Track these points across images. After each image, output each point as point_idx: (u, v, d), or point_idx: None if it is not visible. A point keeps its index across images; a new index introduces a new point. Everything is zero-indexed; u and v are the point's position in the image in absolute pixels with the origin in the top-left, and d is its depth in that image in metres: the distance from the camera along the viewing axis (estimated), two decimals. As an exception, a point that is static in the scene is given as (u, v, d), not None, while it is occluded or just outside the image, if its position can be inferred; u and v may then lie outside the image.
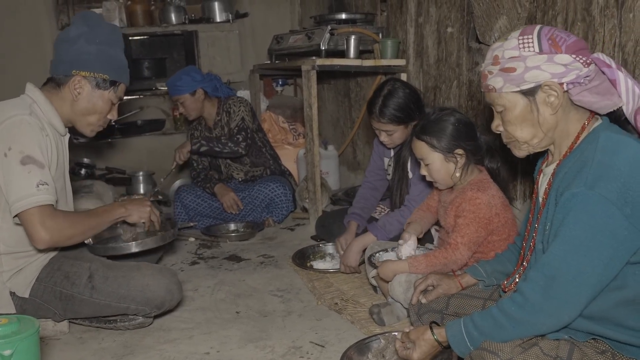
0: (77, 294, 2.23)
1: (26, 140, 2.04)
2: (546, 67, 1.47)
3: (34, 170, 2.02)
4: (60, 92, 2.21)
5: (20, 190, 2.00)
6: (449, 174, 2.25)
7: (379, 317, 2.30)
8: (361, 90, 4.31)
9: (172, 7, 5.26)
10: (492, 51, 1.57)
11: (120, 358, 2.16)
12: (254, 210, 3.87)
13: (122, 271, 2.28)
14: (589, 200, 1.37)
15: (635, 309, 1.44)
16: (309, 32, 3.87)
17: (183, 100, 3.75)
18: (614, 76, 1.47)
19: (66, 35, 2.22)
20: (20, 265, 2.19)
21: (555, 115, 1.52)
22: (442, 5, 3.17)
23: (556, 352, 1.44)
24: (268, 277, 2.96)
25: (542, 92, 1.50)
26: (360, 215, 3.01)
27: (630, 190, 1.35)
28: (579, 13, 2.21)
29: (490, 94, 1.59)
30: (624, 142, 1.43)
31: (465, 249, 2.16)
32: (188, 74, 3.74)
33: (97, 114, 2.27)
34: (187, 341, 2.28)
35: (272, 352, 2.16)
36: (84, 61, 2.19)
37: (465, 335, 1.54)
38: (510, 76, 1.51)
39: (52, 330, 2.33)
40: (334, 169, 4.52)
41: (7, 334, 1.53)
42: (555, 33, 1.49)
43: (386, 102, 2.67)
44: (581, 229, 1.37)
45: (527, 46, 1.49)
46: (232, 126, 3.80)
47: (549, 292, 1.40)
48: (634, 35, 1.98)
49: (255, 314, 2.52)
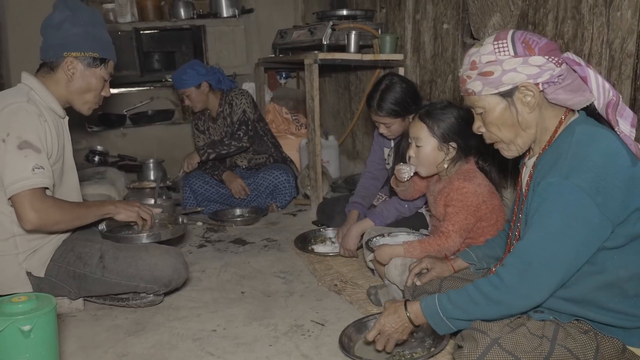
0: (90, 273, 2.25)
1: (23, 126, 2.03)
2: (522, 69, 1.48)
3: (30, 155, 2.01)
4: (54, 75, 2.20)
5: (16, 173, 1.99)
6: (435, 162, 2.24)
7: (375, 297, 2.31)
8: (361, 83, 4.30)
9: (181, 3, 5.23)
10: (469, 57, 1.57)
11: (133, 334, 2.17)
12: (258, 196, 3.87)
13: (131, 252, 2.29)
14: (563, 189, 1.38)
15: (614, 292, 1.45)
16: (311, 27, 3.85)
17: (189, 93, 3.76)
18: (585, 73, 1.48)
19: (51, 20, 2.19)
20: (35, 247, 2.20)
21: (532, 113, 1.53)
22: (439, 3, 3.15)
23: (542, 331, 1.45)
24: (271, 259, 2.97)
25: (519, 93, 1.51)
26: (361, 204, 3.00)
27: (603, 180, 1.36)
28: (569, 11, 2.20)
29: (470, 97, 1.59)
30: (598, 134, 1.44)
31: (456, 236, 2.16)
32: (193, 68, 3.73)
33: (92, 92, 2.26)
34: (196, 319, 2.29)
35: (275, 330, 2.17)
36: (73, 43, 2.18)
37: (439, 306, 1.56)
38: (488, 79, 1.51)
39: (67, 307, 2.34)
40: (334, 158, 4.52)
41: (26, 311, 1.54)
42: (528, 36, 1.50)
43: (384, 96, 2.67)
44: (556, 217, 1.38)
45: (502, 50, 1.49)
46: (235, 119, 3.80)
47: (524, 276, 1.41)
48: (621, 33, 1.97)
49: (259, 294, 2.53)
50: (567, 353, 1.42)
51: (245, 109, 3.80)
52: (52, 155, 2.14)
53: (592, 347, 1.44)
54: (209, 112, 3.94)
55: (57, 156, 2.19)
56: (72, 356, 2.01)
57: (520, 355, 1.40)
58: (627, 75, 1.97)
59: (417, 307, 1.63)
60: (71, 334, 2.18)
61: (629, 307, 1.44)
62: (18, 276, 2.18)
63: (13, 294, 2.11)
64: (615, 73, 2.01)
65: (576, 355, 1.43)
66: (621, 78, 1.99)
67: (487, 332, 1.43)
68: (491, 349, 1.40)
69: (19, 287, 2.19)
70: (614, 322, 1.45)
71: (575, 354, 1.43)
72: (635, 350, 1.47)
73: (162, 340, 2.12)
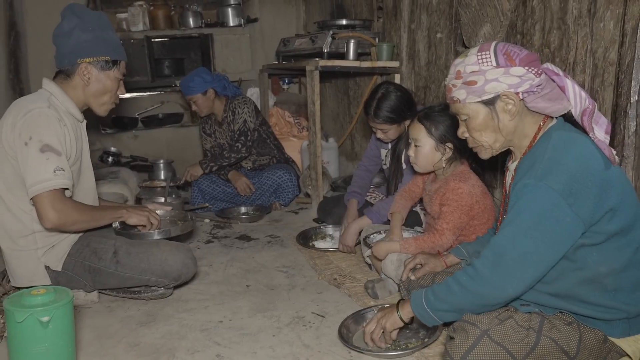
0: (104, 268, 2.26)
1: (45, 130, 2.03)
2: (503, 79, 1.48)
3: (51, 158, 2.02)
4: (71, 81, 2.21)
5: (38, 175, 2.00)
6: (433, 161, 2.25)
7: (373, 291, 2.32)
8: (359, 89, 4.30)
9: (190, 13, 5.24)
10: (454, 67, 1.58)
11: (144, 325, 2.18)
12: (262, 194, 3.87)
13: (143, 247, 2.30)
14: (537, 190, 1.39)
15: (595, 287, 1.46)
16: (312, 36, 3.85)
17: (195, 99, 3.75)
18: (563, 83, 1.49)
19: (61, 29, 2.18)
20: (53, 243, 2.21)
21: (513, 120, 1.54)
22: (433, 14, 3.15)
23: (529, 323, 1.46)
24: (275, 255, 2.98)
25: (500, 101, 1.52)
26: (359, 192, 3.06)
27: (576, 183, 1.37)
28: (555, 22, 2.20)
29: (455, 105, 1.60)
30: (573, 139, 1.45)
31: (450, 233, 2.17)
32: (199, 76, 3.72)
33: (109, 93, 2.26)
34: (203, 311, 2.30)
35: (278, 321, 2.18)
36: (85, 49, 2.17)
37: (424, 299, 1.59)
38: (472, 88, 1.52)
39: (83, 299, 2.35)
40: (334, 159, 4.52)
41: (45, 303, 1.55)
42: (509, 48, 1.50)
43: (380, 104, 2.68)
44: (529, 215, 1.40)
45: (485, 61, 1.50)
46: (235, 128, 3.80)
47: (496, 268, 1.43)
48: (604, 43, 1.97)
49: (263, 287, 2.54)
50: (552, 343, 1.43)
51: (246, 119, 3.79)
52: (71, 157, 2.14)
53: (576, 338, 1.45)
54: (215, 116, 3.94)
55: (75, 158, 2.19)
56: (87, 345, 2.02)
57: (509, 346, 1.41)
58: (609, 83, 1.97)
59: (408, 305, 1.67)
60: (86, 324, 2.19)
61: (608, 300, 1.45)
62: (37, 270, 2.20)
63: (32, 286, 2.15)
64: (599, 80, 2.01)
65: (560, 345, 1.44)
66: (604, 85, 1.99)
67: (477, 324, 1.44)
68: (481, 340, 1.41)
69: (38, 280, 2.20)
70: (596, 315, 1.46)
71: (559, 344, 1.44)
72: (616, 340, 1.48)
73: (171, 330, 2.13)
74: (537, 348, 1.43)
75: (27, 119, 2.04)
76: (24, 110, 2.06)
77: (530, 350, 1.42)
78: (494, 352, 1.40)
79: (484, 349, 1.40)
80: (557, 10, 2.18)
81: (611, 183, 1.40)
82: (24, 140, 2.02)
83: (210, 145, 4.02)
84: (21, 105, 2.11)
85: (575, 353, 1.45)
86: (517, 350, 1.41)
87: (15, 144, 2.04)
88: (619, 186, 1.42)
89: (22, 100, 2.16)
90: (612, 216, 1.41)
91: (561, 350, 1.44)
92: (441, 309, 1.55)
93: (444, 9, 3.04)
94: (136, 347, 2.01)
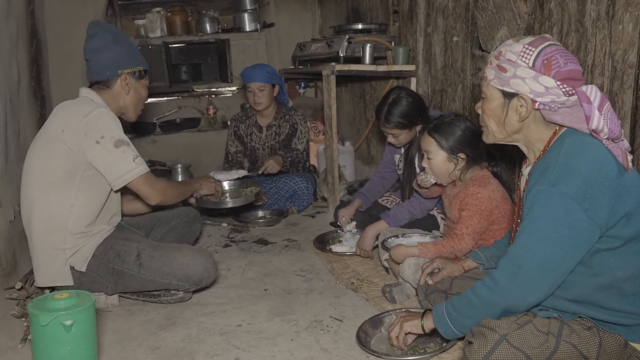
0: (127, 270, 2.29)
1: (112, 127, 2.20)
2: (529, 82, 1.47)
3: (126, 150, 2.21)
4: (111, 90, 2.34)
5: (122, 167, 2.20)
6: (447, 172, 2.25)
7: (390, 295, 2.32)
8: (375, 93, 4.30)
9: (207, 18, 5.30)
10: (503, 46, 1.55)
11: (164, 328, 2.21)
12: (279, 200, 3.87)
13: (165, 251, 2.33)
14: (551, 196, 1.38)
15: (613, 292, 1.44)
16: (328, 40, 3.86)
17: (264, 88, 3.68)
18: (590, 113, 1.42)
19: (95, 45, 2.32)
20: (80, 244, 2.26)
21: (521, 123, 1.53)
22: (449, 17, 3.15)
23: (548, 328, 1.45)
24: (292, 258, 2.99)
25: (517, 100, 1.51)
26: (365, 195, 3.12)
27: (590, 188, 1.36)
28: (573, 24, 2.19)
29: (482, 81, 1.61)
30: (586, 145, 1.43)
31: (469, 238, 2.16)
32: (270, 67, 3.73)
33: (142, 100, 2.45)
34: (222, 314, 2.32)
35: (296, 325, 2.19)
36: (124, 61, 2.34)
37: (446, 314, 1.59)
38: (501, 74, 1.52)
39: (104, 303, 2.38)
40: (350, 162, 4.53)
41: (68, 307, 1.58)
42: (555, 56, 1.46)
43: (391, 110, 2.70)
44: (544, 222, 1.39)
45: (525, 57, 1.48)
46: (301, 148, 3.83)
47: (516, 279, 1.42)
48: (623, 45, 1.96)
49: (281, 291, 2.55)
50: (572, 349, 1.42)
51: (307, 138, 3.86)
52: None
53: (595, 343, 1.44)
54: (257, 118, 3.87)
55: None
56: (109, 348, 2.05)
57: (528, 351, 1.40)
58: (628, 85, 1.95)
59: (430, 320, 1.67)
60: (108, 327, 2.22)
61: (627, 305, 1.44)
62: (63, 270, 2.25)
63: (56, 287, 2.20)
64: (618, 83, 2.00)
65: (580, 350, 1.43)
66: (623, 88, 1.98)
67: (496, 328, 1.43)
68: (500, 345, 1.40)
69: (62, 280, 2.26)
70: (615, 320, 1.45)
71: (579, 349, 1.43)
72: (637, 345, 1.47)
73: (191, 334, 2.15)
74: (556, 353, 1.42)
75: (90, 119, 2.17)
76: (81, 113, 2.18)
77: (550, 356, 1.41)
78: (513, 357, 1.39)
79: (502, 353, 1.40)
80: (574, 12, 2.17)
81: (626, 188, 1.39)
82: (94, 140, 2.16)
83: (235, 150, 3.94)
84: (74, 108, 2.24)
85: (595, 358, 1.43)
86: (536, 356, 1.40)
87: (80, 142, 2.16)
88: (634, 191, 1.40)
89: (70, 104, 2.29)
90: (628, 221, 1.39)
91: (581, 355, 1.43)
92: (464, 324, 1.55)
93: (460, 12, 3.03)
94: (156, 350, 2.04)
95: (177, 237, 2.71)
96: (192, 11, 5.50)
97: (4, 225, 2.45)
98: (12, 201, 2.59)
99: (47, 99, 3.83)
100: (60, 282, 2.25)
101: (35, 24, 3.65)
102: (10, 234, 2.51)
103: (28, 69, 3.29)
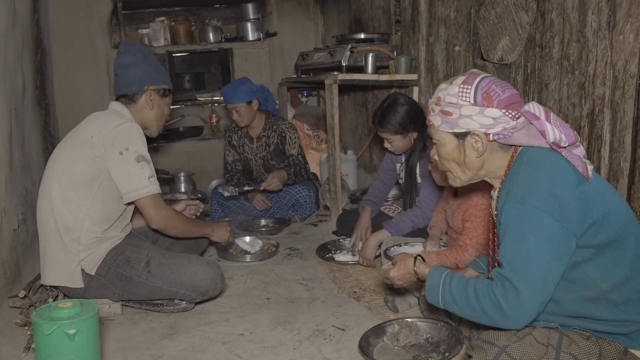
0: (135, 276, 2.31)
1: (138, 142, 2.27)
2: (477, 118, 1.49)
3: (145, 167, 2.26)
4: (136, 105, 2.43)
5: (136, 182, 2.25)
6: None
7: (393, 304, 2.32)
8: (378, 102, 4.29)
9: (210, 28, 5.33)
10: (438, 91, 1.57)
11: (167, 337, 2.21)
12: (281, 208, 3.89)
13: (174, 260, 2.36)
14: (523, 213, 1.38)
15: (602, 304, 1.44)
16: (331, 49, 3.88)
17: (239, 109, 3.67)
18: (543, 127, 1.46)
19: (125, 61, 2.43)
20: (93, 248, 2.30)
21: (480, 158, 1.54)
22: (451, 27, 3.17)
23: (547, 340, 1.45)
24: (294, 267, 2.99)
25: (470, 138, 1.52)
26: (374, 202, 3.09)
27: (556, 199, 1.36)
28: (574, 34, 2.20)
29: (430, 129, 1.62)
30: (542, 158, 1.44)
31: (473, 250, 2.16)
32: (245, 84, 3.68)
33: (164, 117, 2.53)
34: (224, 323, 2.32)
35: (298, 334, 2.19)
36: (150, 78, 2.43)
37: (441, 291, 1.55)
38: (447, 119, 1.53)
39: (107, 312, 2.39)
40: (352, 171, 4.54)
41: (71, 316, 1.59)
42: (492, 87, 1.49)
43: (385, 114, 2.73)
44: (524, 240, 1.38)
45: (464, 96, 1.50)
46: (295, 152, 3.85)
47: (517, 305, 1.37)
48: (624, 55, 1.97)
49: (284, 300, 2.55)
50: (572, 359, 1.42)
51: (299, 144, 3.87)
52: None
53: (595, 352, 1.44)
54: (247, 130, 3.88)
55: None
56: (112, 357, 2.06)
57: (528, 362, 1.40)
58: (630, 95, 1.96)
59: (424, 272, 1.64)
60: (110, 336, 2.23)
61: (620, 314, 1.44)
62: (74, 272, 2.29)
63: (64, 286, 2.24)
64: (619, 93, 2.01)
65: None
66: (624, 97, 1.98)
67: (495, 341, 1.43)
68: (500, 357, 1.40)
69: (71, 282, 2.29)
70: (611, 330, 1.45)
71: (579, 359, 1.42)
72: (637, 352, 1.47)
73: (193, 343, 2.15)
74: (557, 364, 1.41)
75: (120, 131, 2.24)
76: (113, 123, 2.26)
77: (551, 367, 1.41)
78: (514, 368, 1.39)
79: (503, 365, 1.39)
80: (576, 22, 2.19)
81: (590, 196, 1.40)
82: (119, 150, 2.22)
83: (232, 159, 3.97)
84: (105, 118, 2.33)
85: (597, 368, 1.43)
86: (537, 367, 1.40)
87: (106, 150, 2.22)
88: (599, 198, 1.41)
89: (102, 114, 2.40)
90: (598, 229, 1.39)
91: (582, 365, 1.42)
92: (452, 309, 1.54)
93: (462, 22, 3.05)
94: (159, 359, 2.04)
95: (183, 247, 2.71)
96: (196, 21, 5.54)
97: (8, 233, 2.46)
98: (16, 210, 2.61)
99: (51, 107, 3.85)
100: (71, 283, 2.30)
101: (40, 33, 3.68)
102: (14, 243, 2.52)
103: (33, 77, 3.31)
